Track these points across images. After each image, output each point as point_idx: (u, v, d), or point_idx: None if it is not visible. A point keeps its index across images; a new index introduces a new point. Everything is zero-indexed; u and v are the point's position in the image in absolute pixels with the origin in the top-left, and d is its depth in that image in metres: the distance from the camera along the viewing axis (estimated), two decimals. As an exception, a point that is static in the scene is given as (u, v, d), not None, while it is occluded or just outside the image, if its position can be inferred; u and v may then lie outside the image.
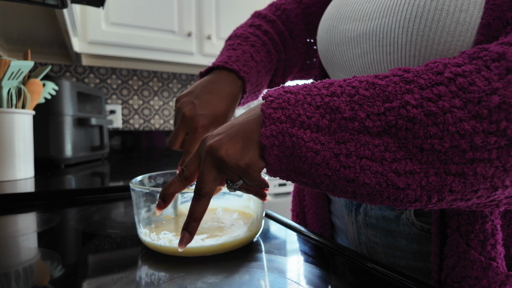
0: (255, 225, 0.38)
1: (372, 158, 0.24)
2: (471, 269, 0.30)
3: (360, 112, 0.25)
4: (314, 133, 0.25)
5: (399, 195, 0.24)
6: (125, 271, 0.31)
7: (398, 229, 0.39)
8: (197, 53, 1.41)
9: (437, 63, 0.25)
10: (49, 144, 1.03)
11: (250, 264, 0.33)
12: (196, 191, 0.29)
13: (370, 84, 0.26)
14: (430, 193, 0.24)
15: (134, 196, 0.37)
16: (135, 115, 1.60)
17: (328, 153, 0.25)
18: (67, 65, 1.45)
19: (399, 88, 0.25)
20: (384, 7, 0.35)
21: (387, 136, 0.24)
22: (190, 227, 0.30)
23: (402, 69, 0.26)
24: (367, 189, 0.24)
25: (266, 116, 0.26)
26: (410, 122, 0.24)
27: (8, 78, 0.75)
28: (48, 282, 0.30)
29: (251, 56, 0.50)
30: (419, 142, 0.23)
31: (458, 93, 0.23)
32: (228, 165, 0.27)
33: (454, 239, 0.32)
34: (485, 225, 0.30)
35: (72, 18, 0.96)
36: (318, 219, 0.52)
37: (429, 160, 0.23)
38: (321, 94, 0.26)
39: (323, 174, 0.25)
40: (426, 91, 0.24)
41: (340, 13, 0.41)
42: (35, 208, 0.57)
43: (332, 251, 0.37)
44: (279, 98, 0.27)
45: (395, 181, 0.24)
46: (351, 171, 0.24)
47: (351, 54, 0.39)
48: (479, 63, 0.24)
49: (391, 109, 0.24)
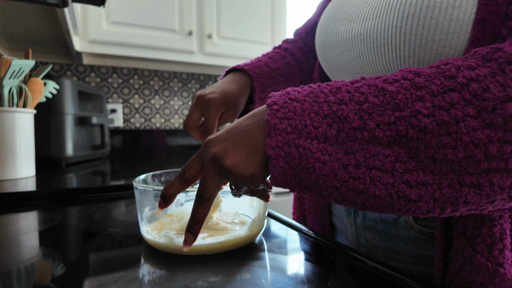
0: (256, 224, 0.38)
1: (382, 169, 0.23)
2: (477, 275, 0.29)
3: (370, 121, 0.24)
4: (322, 144, 0.25)
5: (410, 207, 0.23)
6: (126, 270, 0.31)
7: (397, 232, 0.39)
8: (198, 52, 1.40)
9: (449, 65, 0.24)
10: (50, 143, 1.03)
11: (251, 263, 0.33)
12: (198, 195, 0.29)
13: (380, 90, 0.25)
14: (443, 205, 0.23)
15: (137, 194, 0.38)
16: (136, 114, 1.60)
17: (337, 163, 0.24)
18: (68, 64, 1.46)
19: (409, 95, 0.24)
20: (377, 7, 0.34)
21: (397, 146, 0.23)
22: (193, 229, 0.30)
23: (413, 71, 0.25)
24: (378, 201, 0.24)
25: (271, 126, 0.25)
26: (421, 132, 0.23)
27: (9, 77, 0.75)
28: (50, 281, 0.30)
29: (265, 63, 0.56)
30: (431, 152, 0.22)
31: (472, 101, 0.22)
32: (234, 174, 0.27)
33: (459, 243, 0.31)
34: (493, 229, 0.29)
35: (73, 17, 0.96)
36: (318, 221, 0.52)
37: (442, 171, 0.22)
38: (329, 102, 0.25)
39: (331, 185, 0.24)
40: (438, 98, 0.23)
41: (336, 15, 0.41)
42: (37, 207, 0.57)
43: (333, 250, 0.37)
44: (284, 107, 0.26)
45: (406, 193, 0.23)
46: (360, 182, 0.23)
47: (347, 55, 0.39)
48: (494, 65, 0.22)
49: (401, 118, 0.23)
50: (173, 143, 1.68)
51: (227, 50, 1.45)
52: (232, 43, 1.47)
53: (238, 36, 1.48)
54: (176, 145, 1.69)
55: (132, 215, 0.52)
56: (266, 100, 0.56)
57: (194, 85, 1.72)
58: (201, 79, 1.73)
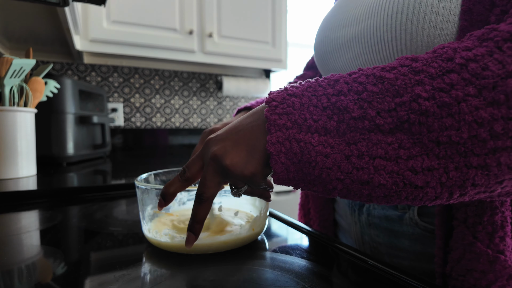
0: (257, 224, 0.38)
1: (386, 157, 0.23)
2: (477, 262, 0.29)
3: (370, 110, 0.24)
4: (323, 136, 0.24)
5: (418, 194, 0.23)
6: (127, 269, 0.31)
7: (401, 229, 0.39)
8: (198, 51, 1.40)
9: (445, 49, 0.24)
10: (51, 142, 1.03)
11: (252, 262, 0.33)
12: (198, 194, 0.29)
13: (378, 78, 0.24)
14: (451, 189, 0.22)
15: (139, 193, 0.38)
16: (136, 113, 1.60)
17: (339, 155, 0.24)
18: (68, 63, 1.46)
19: (408, 80, 0.23)
20: (369, 9, 0.36)
21: (400, 132, 0.23)
22: (194, 229, 0.30)
23: (410, 58, 0.25)
24: (383, 191, 0.23)
25: (271, 122, 0.25)
26: (423, 115, 0.22)
27: (10, 76, 0.75)
28: (51, 280, 0.30)
29: None
30: (434, 135, 0.22)
31: (471, 80, 0.22)
32: (233, 173, 0.27)
33: (460, 231, 0.31)
34: (494, 217, 0.29)
35: (73, 16, 0.96)
36: (321, 219, 0.52)
37: (447, 154, 0.22)
38: (327, 94, 0.25)
39: (335, 178, 0.24)
40: (437, 80, 0.22)
41: (331, 24, 0.42)
42: (38, 206, 0.58)
43: (335, 250, 0.37)
44: (283, 102, 0.26)
45: (412, 180, 0.22)
46: (364, 173, 0.23)
47: (344, 59, 0.40)
48: (490, 45, 0.22)
49: (402, 104, 0.23)
50: (174, 142, 1.68)
51: (228, 49, 1.45)
52: (233, 42, 1.47)
53: (238, 35, 1.47)
54: (177, 144, 1.69)
55: (133, 214, 0.52)
56: None
57: (194, 84, 1.72)
58: (201, 78, 1.73)
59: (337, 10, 0.42)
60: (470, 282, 0.30)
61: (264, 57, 1.54)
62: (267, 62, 1.57)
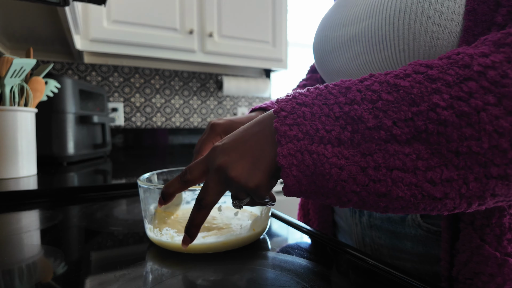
0: (258, 224, 0.38)
1: (403, 169, 0.22)
2: (486, 265, 0.29)
3: (386, 119, 0.23)
4: (336, 148, 0.23)
5: (436, 205, 0.22)
6: (128, 268, 0.31)
7: (403, 231, 0.38)
8: (198, 50, 1.40)
9: (461, 55, 0.23)
10: (52, 141, 1.03)
11: (252, 262, 0.33)
12: (198, 199, 0.28)
13: (392, 86, 0.23)
14: (470, 200, 0.22)
15: (141, 193, 0.38)
16: (137, 113, 1.60)
17: (355, 167, 0.23)
18: (69, 63, 1.46)
19: (424, 89, 0.22)
20: (370, 8, 0.35)
21: (417, 143, 0.22)
22: (190, 232, 0.30)
23: (424, 64, 0.24)
24: (401, 203, 0.22)
25: (281, 134, 0.24)
26: (441, 125, 0.21)
27: (10, 76, 0.75)
28: (51, 279, 0.30)
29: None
30: (454, 145, 0.21)
31: (491, 88, 0.21)
32: (237, 185, 0.26)
33: (467, 234, 0.30)
34: (502, 219, 0.29)
35: (74, 16, 0.96)
36: (321, 219, 0.52)
37: (467, 165, 0.21)
38: (339, 103, 0.24)
39: (351, 191, 0.23)
40: (455, 88, 0.22)
41: (331, 23, 0.41)
42: (38, 206, 0.58)
43: (336, 249, 0.37)
44: (293, 112, 0.25)
45: (431, 192, 0.22)
46: (382, 185, 0.22)
47: (343, 58, 0.39)
48: (508, 50, 0.22)
49: (419, 113, 0.22)
50: (174, 141, 1.68)
51: (228, 49, 1.45)
52: (233, 42, 1.47)
53: (239, 34, 1.47)
54: (178, 143, 1.69)
55: (133, 213, 0.52)
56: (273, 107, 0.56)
57: (195, 83, 1.72)
58: (202, 77, 1.73)
59: (337, 9, 0.42)
60: (478, 285, 0.30)
61: (264, 57, 1.54)
62: (267, 62, 1.57)
